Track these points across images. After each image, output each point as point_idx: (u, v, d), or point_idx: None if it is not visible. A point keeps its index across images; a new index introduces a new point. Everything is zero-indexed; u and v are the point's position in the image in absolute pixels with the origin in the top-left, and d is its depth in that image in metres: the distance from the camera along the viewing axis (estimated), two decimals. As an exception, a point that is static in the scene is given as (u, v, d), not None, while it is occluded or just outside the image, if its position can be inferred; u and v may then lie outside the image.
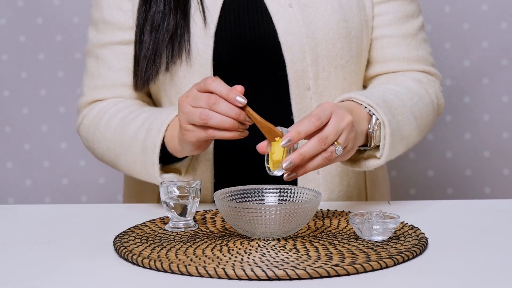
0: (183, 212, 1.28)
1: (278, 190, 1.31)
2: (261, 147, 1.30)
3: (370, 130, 1.39)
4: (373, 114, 1.39)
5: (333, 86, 1.53)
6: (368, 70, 1.60)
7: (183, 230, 1.28)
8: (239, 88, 1.30)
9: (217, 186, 1.53)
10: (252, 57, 1.52)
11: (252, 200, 1.31)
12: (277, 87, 1.52)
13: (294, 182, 1.50)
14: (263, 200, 1.31)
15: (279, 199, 1.31)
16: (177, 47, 1.50)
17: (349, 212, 1.37)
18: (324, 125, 1.28)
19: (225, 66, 1.51)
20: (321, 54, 1.51)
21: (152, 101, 1.60)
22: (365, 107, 1.40)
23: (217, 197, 1.25)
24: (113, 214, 1.44)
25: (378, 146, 1.41)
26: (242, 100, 1.29)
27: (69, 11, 2.43)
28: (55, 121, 2.46)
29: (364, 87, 1.62)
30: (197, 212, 1.39)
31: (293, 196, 1.30)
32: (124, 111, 1.51)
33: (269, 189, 1.31)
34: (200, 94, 1.31)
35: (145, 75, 1.50)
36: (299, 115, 1.52)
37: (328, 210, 1.39)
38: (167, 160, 1.46)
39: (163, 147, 1.42)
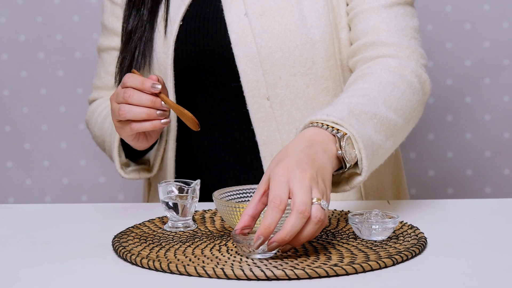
0: (182, 212, 1.28)
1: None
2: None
3: (339, 152, 1.22)
4: (337, 133, 1.23)
5: (294, 94, 1.52)
6: (348, 55, 1.53)
7: (182, 230, 1.28)
8: (154, 76, 1.37)
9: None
10: (210, 67, 1.53)
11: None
12: (234, 98, 1.53)
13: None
14: (263, 199, 1.31)
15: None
16: (142, 54, 1.56)
17: (348, 211, 1.37)
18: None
19: (184, 76, 1.55)
20: (277, 63, 1.50)
21: None
22: (327, 128, 1.23)
23: (216, 197, 1.25)
24: (113, 214, 1.44)
25: (356, 163, 1.26)
26: (158, 86, 1.35)
27: (69, 10, 2.43)
28: (55, 121, 2.46)
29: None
30: (196, 211, 1.39)
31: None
32: (106, 108, 1.61)
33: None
34: (119, 90, 1.39)
35: (120, 76, 1.57)
36: (259, 125, 1.52)
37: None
38: (141, 152, 1.57)
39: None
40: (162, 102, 1.37)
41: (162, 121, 1.37)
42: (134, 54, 1.55)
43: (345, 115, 1.26)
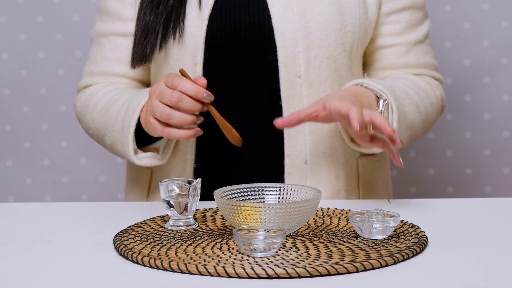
0: (183, 210, 1.28)
1: (278, 189, 1.31)
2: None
3: (379, 110, 1.44)
4: (381, 96, 1.44)
5: (324, 76, 1.55)
6: (378, 76, 1.63)
7: (183, 228, 1.28)
8: (203, 82, 1.38)
9: (197, 171, 1.57)
10: (244, 42, 1.54)
11: (252, 198, 1.31)
12: (267, 72, 1.54)
13: (281, 169, 1.54)
14: (263, 198, 1.31)
15: (279, 198, 1.31)
16: (172, 27, 1.54)
17: (349, 210, 1.37)
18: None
19: (216, 49, 1.54)
20: (313, 43, 1.53)
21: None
22: (373, 90, 1.45)
23: (217, 195, 1.25)
24: (113, 212, 1.44)
25: None
26: (211, 98, 1.38)
27: (69, 9, 2.43)
28: (56, 120, 2.46)
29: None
30: (197, 210, 1.39)
31: (293, 195, 1.30)
32: (110, 93, 1.58)
33: (269, 187, 1.32)
34: (165, 90, 1.39)
35: (141, 52, 1.54)
36: (288, 101, 1.53)
37: (328, 208, 1.39)
38: (150, 139, 1.53)
39: (141, 127, 1.48)
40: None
41: (197, 131, 1.42)
42: (159, 24, 1.53)
43: (390, 89, 1.46)
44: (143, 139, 1.53)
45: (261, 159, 1.55)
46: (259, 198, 1.31)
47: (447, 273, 1.10)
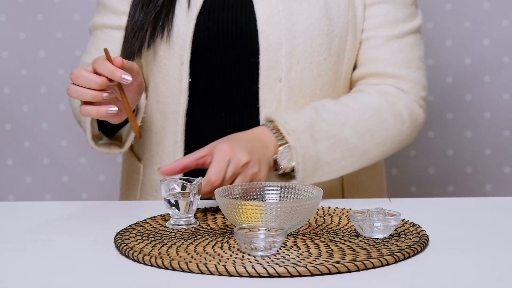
0: (184, 209, 1.28)
1: (279, 187, 1.31)
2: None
3: (274, 156, 1.46)
4: (280, 139, 1.46)
5: (305, 81, 1.54)
6: (353, 74, 1.60)
7: (184, 227, 1.28)
8: (118, 61, 1.33)
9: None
10: (231, 43, 1.54)
11: (253, 197, 1.31)
12: (249, 75, 1.55)
13: None
14: (264, 197, 1.31)
15: (280, 197, 1.31)
16: (160, 25, 1.55)
17: (350, 209, 1.37)
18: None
19: (203, 49, 1.55)
20: (297, 48, 1.53)
21: None
22: (275, 133, 1.47)
23: (218, 194, 1.25)
24: (114, 211, 1.44)
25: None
26: (128, 78, 1.32)
27: (69, 8, 2.43)
28: (56, 119, 2.46)
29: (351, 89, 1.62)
30: (198, 209, 1.38)
31: (294, 194, 1.30)
32: None
33: (270, 186, 1.32)
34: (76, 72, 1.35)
35: (130, 49, 1.55)
36: (265, 104, 1.54)
37: (329, 207, 1.39)
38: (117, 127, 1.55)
39: None
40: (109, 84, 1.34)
41: (108, 109, 1.34)
42: (148, 21, 1.54)
43: (301, 128, 1.46)
44: (110, 127, 1.54)
45: None
46: (260, 197, 1.31)
47: (448, 272, 1.10)
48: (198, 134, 1.57)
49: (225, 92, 1.56)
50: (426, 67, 1.62)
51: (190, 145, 1.57)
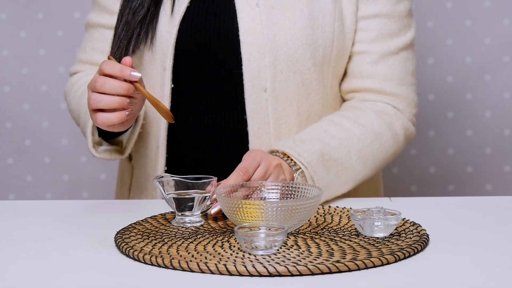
0: (188, 208, 1.28)
1: (279, 187, 1.31)
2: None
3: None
4: (296, 171, 1.44)
5: (290, 90, 1.53)
6: (345, 84, 1.60)
7: (188, 225, 1.28)
8: (128, 61, 1.33)
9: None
10: (212, 52, 1.54)
11: (254, 196, 1.31)
12: (233, 85, 1.54)
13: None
14: (265, 196, 1.31)
15: (280, 196, 1.31)
16: (144, 31, 1.54)
17: (351, 208, 1.37)
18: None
19: (185, 56, 1.54)
20: (280, 57, 1.52)
21: None
22: (290, 162, 1.45)
23: (219, 193, 1.25)
24: (114, 210, 1.44)
25: None
26: (137, 74, 1.32)
27: (70, 7, 2.43)
28: (56, 117, 2.46)
29: (343, 99, 1.62)
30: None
31: (295, 193, 1.30)
32: (87, 83, 1.56)
33: (271, 185, 1.31)
34: (95, 77, 1.35)
35: (115, 55, 1.54)
36: (253, 115, 1.53)
37: (329, 206, 1.39)
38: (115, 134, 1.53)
39: None
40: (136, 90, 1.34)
41: (127, 112, 1.34)
42: (133, 28, 1.53)
43: (314, 159, 1.46)
44: (111, 133, 1.53)
45: (230, 162, 1.55)
46: (261, 196, 1.31)
47: (448, 271, 1.10)
48: (181, 139, 1.57)
49: (211, 97, 1.55)
50: (417, 81, 1.62)
51: (173, 151, 1.57)
